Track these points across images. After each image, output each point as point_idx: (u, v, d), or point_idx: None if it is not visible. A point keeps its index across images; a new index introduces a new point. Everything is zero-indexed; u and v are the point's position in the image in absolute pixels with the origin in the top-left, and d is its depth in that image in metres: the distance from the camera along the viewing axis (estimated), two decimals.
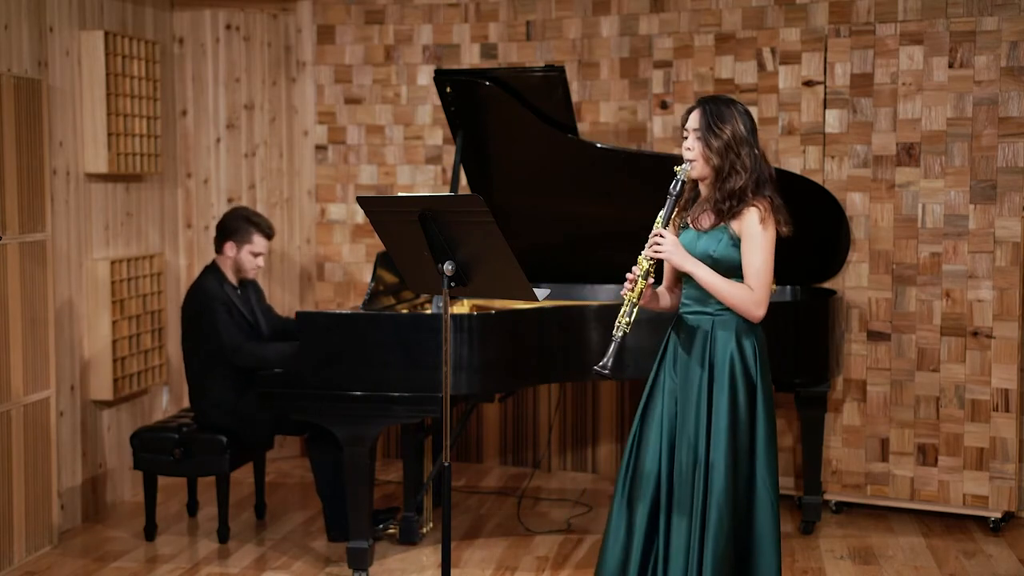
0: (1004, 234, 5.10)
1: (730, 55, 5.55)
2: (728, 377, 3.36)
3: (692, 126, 3.41)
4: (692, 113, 3.43)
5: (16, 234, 4.68)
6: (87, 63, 5.31)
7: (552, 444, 6.19)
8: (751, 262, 3.35)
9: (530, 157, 5.08)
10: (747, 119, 3.42)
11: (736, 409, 3.35)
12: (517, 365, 4.54)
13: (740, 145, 3.37)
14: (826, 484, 5.42)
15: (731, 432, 3.33)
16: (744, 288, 3.34)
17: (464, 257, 3.44)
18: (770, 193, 3.40)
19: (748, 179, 3.36)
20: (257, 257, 5.10)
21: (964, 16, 5.20)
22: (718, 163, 3.37)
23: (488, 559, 4.84)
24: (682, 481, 3.39)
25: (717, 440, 3.33)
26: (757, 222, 3.35)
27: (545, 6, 6.08)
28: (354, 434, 4.44)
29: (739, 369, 3.36)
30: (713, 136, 3.36)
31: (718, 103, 3.41)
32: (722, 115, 3.38)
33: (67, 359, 5.21)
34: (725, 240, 3.38)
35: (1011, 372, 5.11)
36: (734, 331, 3.38)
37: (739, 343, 3.38)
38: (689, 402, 3.40)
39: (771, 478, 3.37)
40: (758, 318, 3.36)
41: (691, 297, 3.45)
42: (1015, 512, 5.21)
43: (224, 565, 4.79)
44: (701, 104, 3.43)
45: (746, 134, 3.39)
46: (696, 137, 3.40)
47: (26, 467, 4.76)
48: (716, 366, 3.37)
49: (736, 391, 3.35)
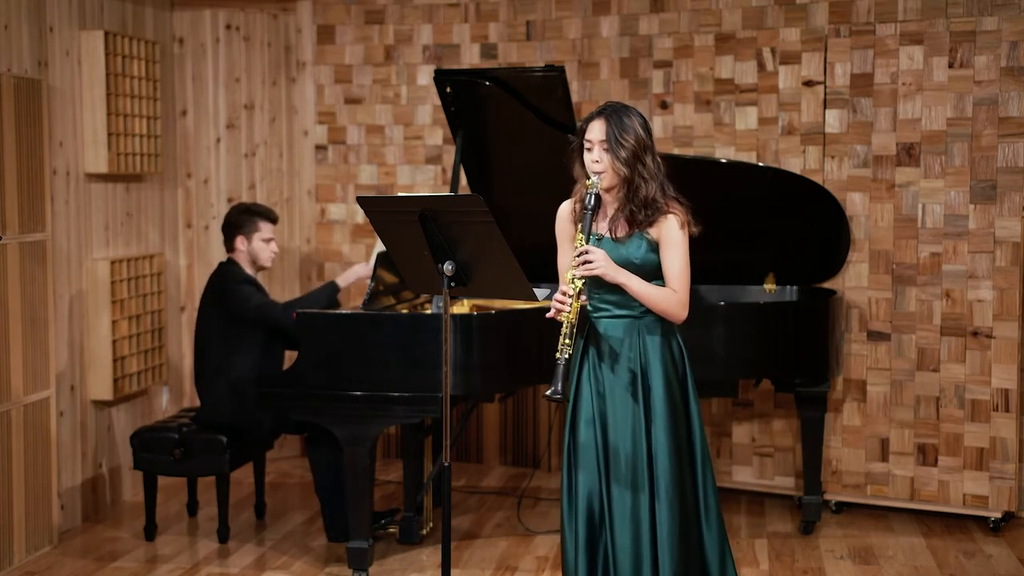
0: (1004, 234, 5.10)
1: (730, 55, 5.55)
2: (663, 375, 3.43)
3: (598, 137, 3.39)
4: (594, 123, 3.41)
5: (16, 234, 4.68)
6: (87, 63, 5.31)
7: (552, 444, 6.19)
8: (673, 266, 3.41)
9: (530, 157, 5.06)
10: (644, 122, 3.43)
11: (673, 402, 3.43)
12: (517, 365, 4.54)
13: (644, 152, 3.39)
14: (826, 484, 5.42)
15: (671, 421, 3.42)
16: (669, 292, 3.41)
17: (464, 257, 3.44)
18: (675, 194, 3.45)
19: (656, 185, 3.40)
20: (269, 243, 5.12)
21: (964, 16, 5.21)
22: (627, 173, 3.39)
23: (488, 559, 4.84)
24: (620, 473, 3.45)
25: (658, 430, 3.41)
26: (678, 228, 3.40)
27: (545, 6, 6.08)
28: (354, 434, 4.44)
29: (670, 367, 3.45)
30: (620, 147, 3.36)
31: (619, 113, 3.39)
32: (624, 125, 3.37)
33: (67, 359, 5.21)
34: (644, 246, 3.43)
35: (1011, 372, 5.11)
36: (660, 332, 3.45)
37: (668, 342, 3.46)
38: (621, 401, 3.45)
39: (708, 466, 3.50)
40: (682, 318, 3.43)
41: (610, 302, 3.47)
42: (1015, 512, 5.21)
43: (224, 565, 4.79)
44: (603, 114, 3.41)
45: (647, 139, 3.41)
46: (603, 148, 3.39)
47: (26, 467, 4.76)
48: (650, 365, 3.44)
49: (671, 387, 3.44)
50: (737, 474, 5.71)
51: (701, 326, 4.81)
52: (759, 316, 4.99)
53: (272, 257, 5.17)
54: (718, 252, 5.05)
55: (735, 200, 5.06)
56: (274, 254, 5.17)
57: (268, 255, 5.13)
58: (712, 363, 4.82)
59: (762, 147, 5.53)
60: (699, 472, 3.49)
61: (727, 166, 5.32)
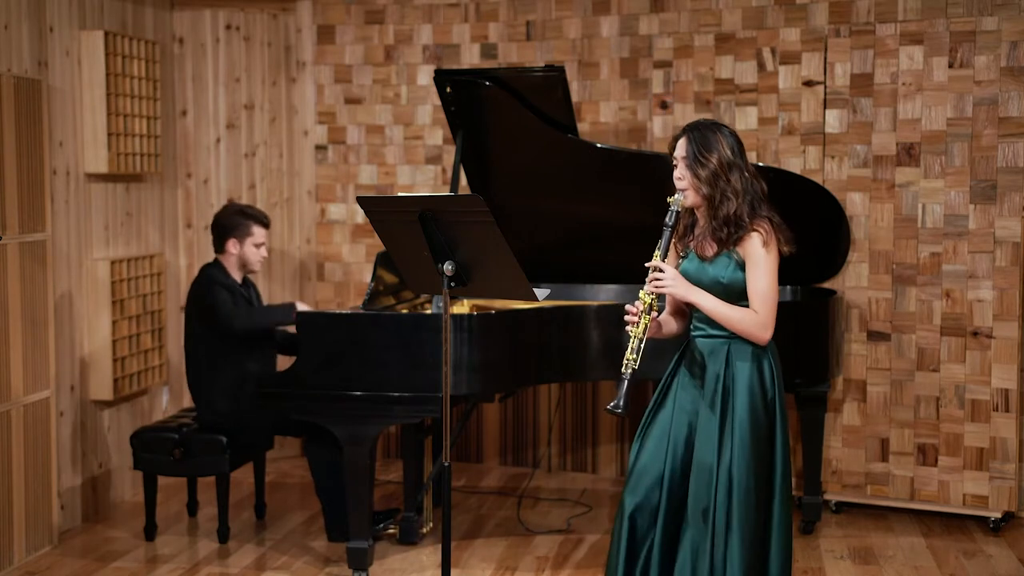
0: (1004, 234, 5.10)
1: (730, 55, 5.55)
2: (748, 399, 3.37)
3: (680, 154, 3.39)
4: (679, 141, 3.41)
5: (16, 234, 4.68)
6: (87, 63, 5.31)
7: (552, 444, 6.19)
8: (756, 286, 3.36)
9: (530, 157, 5.07)
10: (733, 141, 3.40)
11: (757, 428, 3.36)
12: (517, 365, 4.54)
13: (729, 171, 3.35)
14: (826, 484, 5.42)
15: (753, 450, 3.34)
16: (749, 312, 3.36)
17: (464, 257, 3.44)
18: (767, 213, 3.40)
19: (741, 203, 3.35)
20: (260, 248, 5.10)
21: (964, 16, 5.20)
22: (708, 192, 3.36)
23: (488, 559, 4.84)
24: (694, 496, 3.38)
25: (740, 458, 3.33)
26: (760, 245, 3.35)
27: (545, 6, 6.08)
28: (354, 434, 4.44)
29: (757, 390, 3.38)
30: (700, 166, 3.35)
31: (703, 130, 3.39)
32: (707, 142, 3.36)
33: (67, 359, 5.21)
34: (732, 266, 3.38)
35: (1011, 372, 5.11)
36: (751, 353, 3.40)
37: (758, 365, 3.40)
38: (707, 421, 3.39)
39: (787, 493, 3.41)
40: (765, 340, 3.39)
41: (703, 320, 3.45)
42: (1015, 512, 5.21)
43: (224, 565, 4.79)
44: (686, 132, 3.41)
45: (733, 157, 3.37)
46: (685, 166, 3.39)
47: (26, 467, 4.76)
48: (737, 388, 3.38)
49: (756, 411, 3.37)
50: None
51: None
52: None
53: (261, 262, 5.15)
54: None
55: None
56: (264, 259, 5.15)
57: (258, 260, 5.11)
58: None
59: (762, 147, 5.53)
60: (775, 507, 3.38)
61: None
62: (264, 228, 5.12)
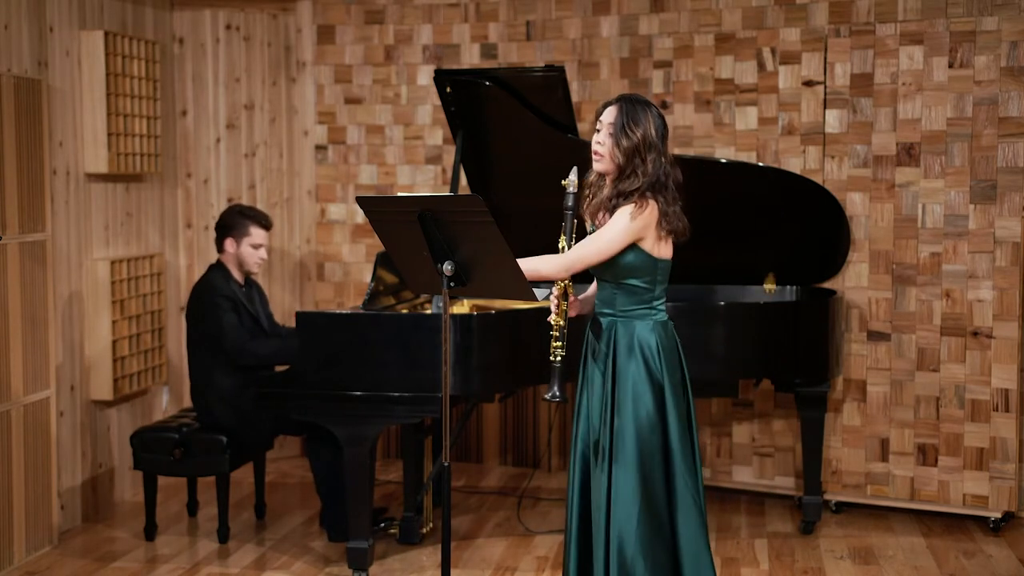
0: (1004, 234, 5.10)
1: (730, 55, 5.55)
2: (630, 378, 3.41)
3: (608, 120, 3.42)
4: (609, 108, 3.44)
5: (16, 234, 4.68)
6: (87, 63, 5.31)
7: (552, 444, 6.19)
8: (588, 237, 3.41)
9: (530, 157, 5.07)
10: (660, 123, 3.42)
11: (638, 400, 3.40)
12: (517, 365, 4.54)
13: (647, 150, 3.38)
14: (826, 484, 5.42)
15: (636, 433, 3.39)
16: (546, 256, 3.41)
17: (464, 257, 3.44)
18: (663, 197, 3.39)
19: (643, 183, 3.37)
20: (258, 249, 5.09)
21: (964, 16, 5.21)
22: (623, 162, 3.40)
23: (488, 559, 4.84)
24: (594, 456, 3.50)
25: (621, 441, 3.40)
26: (625, 213, 3.37)
27: (545, 6, 6.08)
28: (354, 434, 4.44)
29: (641, 369, 3.41)
30: (624, 136, 3.37)
31: (635, 104, 3.41)
32: (637, 117, 3.38)
33: (67, 359, 5.21)
34: None
35: (1011, 372, 5.11)
36: (634, 331, 3.44)
37: (640, 343, 3.43)
38: (598, 391, 3.49)
39: (691, 476, 3.42)
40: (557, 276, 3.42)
41: (599, 299, 3.54)
42: (1015, 512, 5.21)
43: (224, 565, 4.79)
44: (620, 101, 3.44)
45: (656, 139, 3.39)
46: (608, 133, 3.41)
47: (26, 467, 4.76)
48: (618, 366, 3.44)
49: (638, 391, 3.40)
50: (737, 474, 5.71)
51: (701, 326, 4.82)
52: (759, 316, 4.99)
53: (259, 263, 5.14)
54: (718, 252, 5.06)
55: (735, 200, 5.06)
56: (262, 260, 5.14)
57: (255, 261, 5.11)
58: (712, 363, 4.83)
59: (762, 147, 5.53)
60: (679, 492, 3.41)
61: (727, 166, 5.32)
62: (263, 230, 5.11)
